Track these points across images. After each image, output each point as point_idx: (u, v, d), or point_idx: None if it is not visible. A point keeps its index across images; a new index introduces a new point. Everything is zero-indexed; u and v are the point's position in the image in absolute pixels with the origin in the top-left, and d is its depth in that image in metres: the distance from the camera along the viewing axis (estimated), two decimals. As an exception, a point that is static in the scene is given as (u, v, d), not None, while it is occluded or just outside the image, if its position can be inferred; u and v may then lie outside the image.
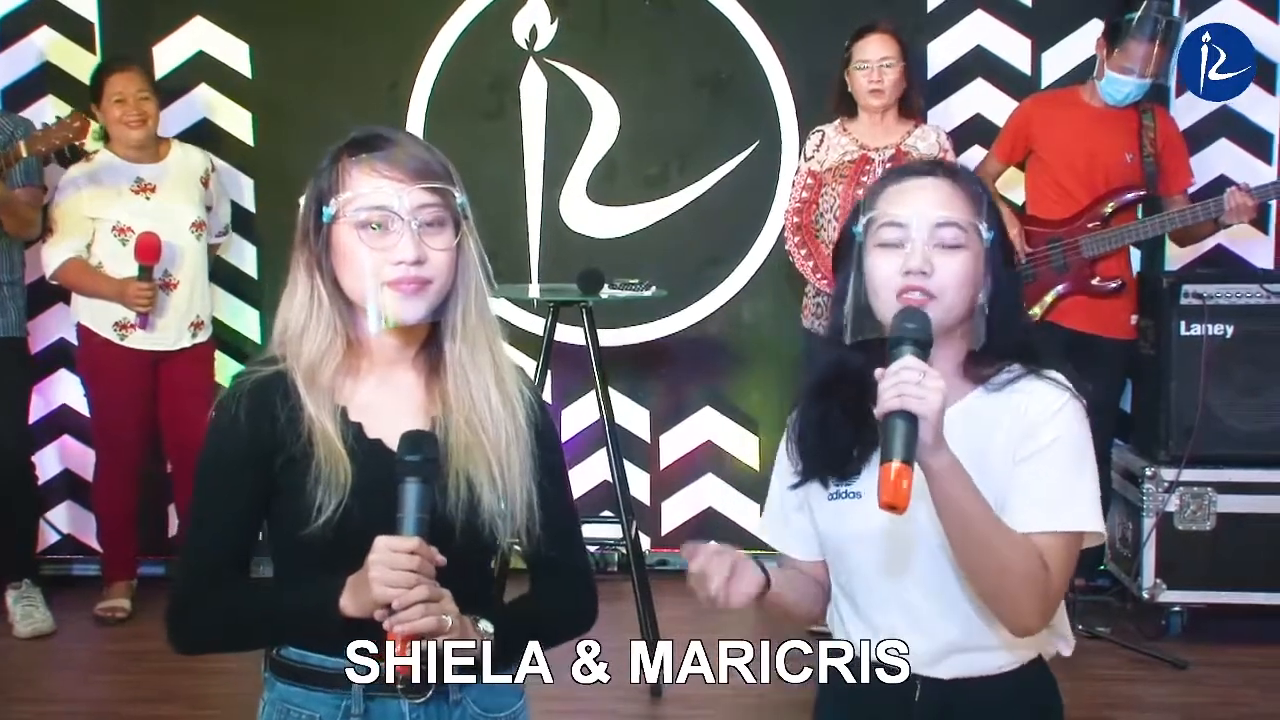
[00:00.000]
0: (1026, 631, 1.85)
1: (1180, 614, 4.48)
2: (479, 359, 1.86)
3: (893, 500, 1.64)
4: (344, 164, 1.82)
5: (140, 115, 4.60)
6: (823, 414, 1.93)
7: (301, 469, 1.79)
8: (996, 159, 4.65)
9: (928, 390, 1.66)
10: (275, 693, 1.88)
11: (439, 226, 1.81)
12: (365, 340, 1.85)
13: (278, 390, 1.82)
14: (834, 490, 1.93)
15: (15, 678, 4.28)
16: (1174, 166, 4.52)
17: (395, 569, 1.67)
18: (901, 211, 1.86)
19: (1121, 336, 4.55)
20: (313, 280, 1.83)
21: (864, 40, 4.40)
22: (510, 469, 1.85)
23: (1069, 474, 1.84)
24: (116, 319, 4.60)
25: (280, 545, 1.86)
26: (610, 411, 4.26)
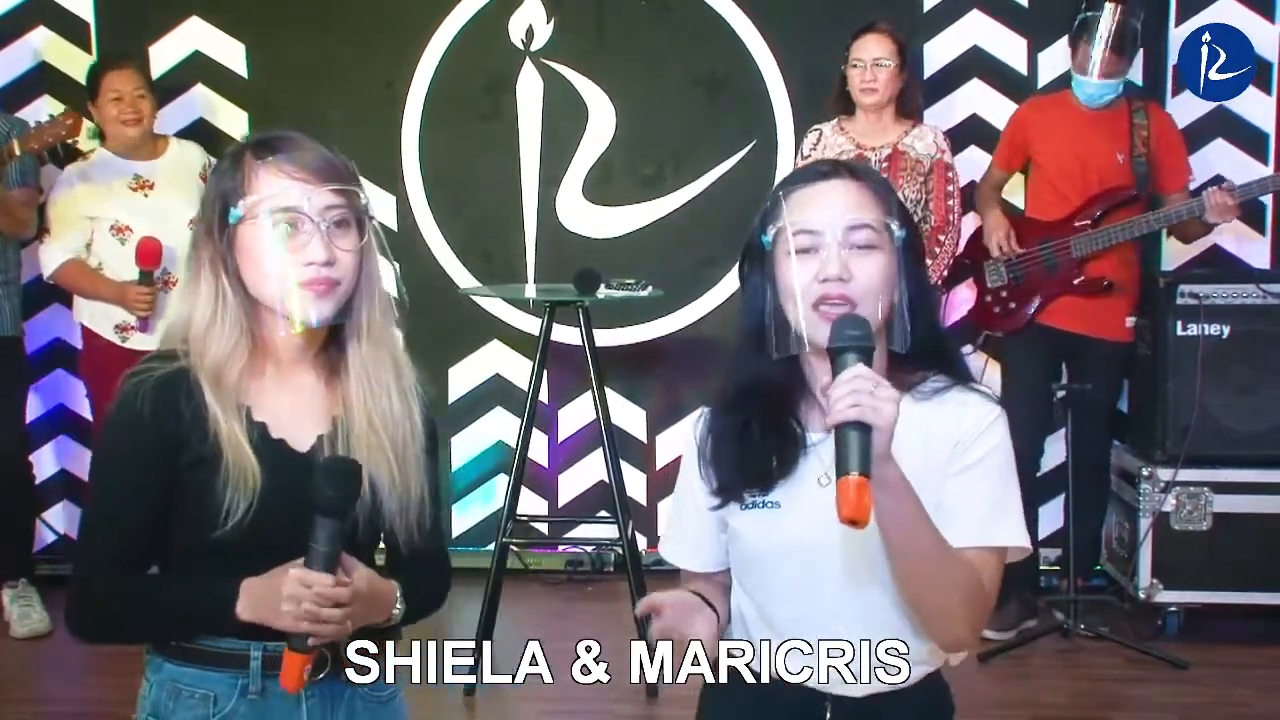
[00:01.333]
0: (959, 645, 1.85)
1: (1177, 614, 4.48)
2: (381, 359, 1.89)
3: (855, 515, 1.60)
4: (249, 165, 1.83)
5: (136, 113, 4.60)
6: (742, 426, 1.88)
7: (209, 470, 1.79)
8: (998, 167, 4.67)
9: (882, 401, 1.63)
10: (163, 674, 1.88)
11: (346, 227, 1.83)
12: (269, 340, 1.86)
13: (181, 388, 1.82)
14: (750, 500, 1.87)
15: (11, 678, 4.27)
16: (1170, 164, 4.52)
17: (307, 603, 1.72)
18: (812, 217, 1.80)
19: (1116, 339, 4.55)
20: (217, 280, 1.83)
21: (861, 39, 4.41)
22: (407, 467, 1.88)
23: (1000, 489, 1.83)
24: (117, 321, 4.59)
25: (182, 544, 1.86)
26: (606, 411, 4.26)
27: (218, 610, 1.79)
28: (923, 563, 1.75)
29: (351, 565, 1.78)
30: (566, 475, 5.21)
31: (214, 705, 1.85)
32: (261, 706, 1.84)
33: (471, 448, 5.20)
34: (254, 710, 1.85)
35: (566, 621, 4.61)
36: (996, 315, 4.58)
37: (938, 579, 1.76)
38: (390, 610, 1.87)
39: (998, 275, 4.55)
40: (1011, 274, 4.53)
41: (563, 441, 5.20)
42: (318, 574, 1.72)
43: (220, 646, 1.84)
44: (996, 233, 4.52)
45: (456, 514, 5.21)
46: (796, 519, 1.82)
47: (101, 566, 1.86)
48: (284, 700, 1.84)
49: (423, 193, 5.11)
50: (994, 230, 4.53)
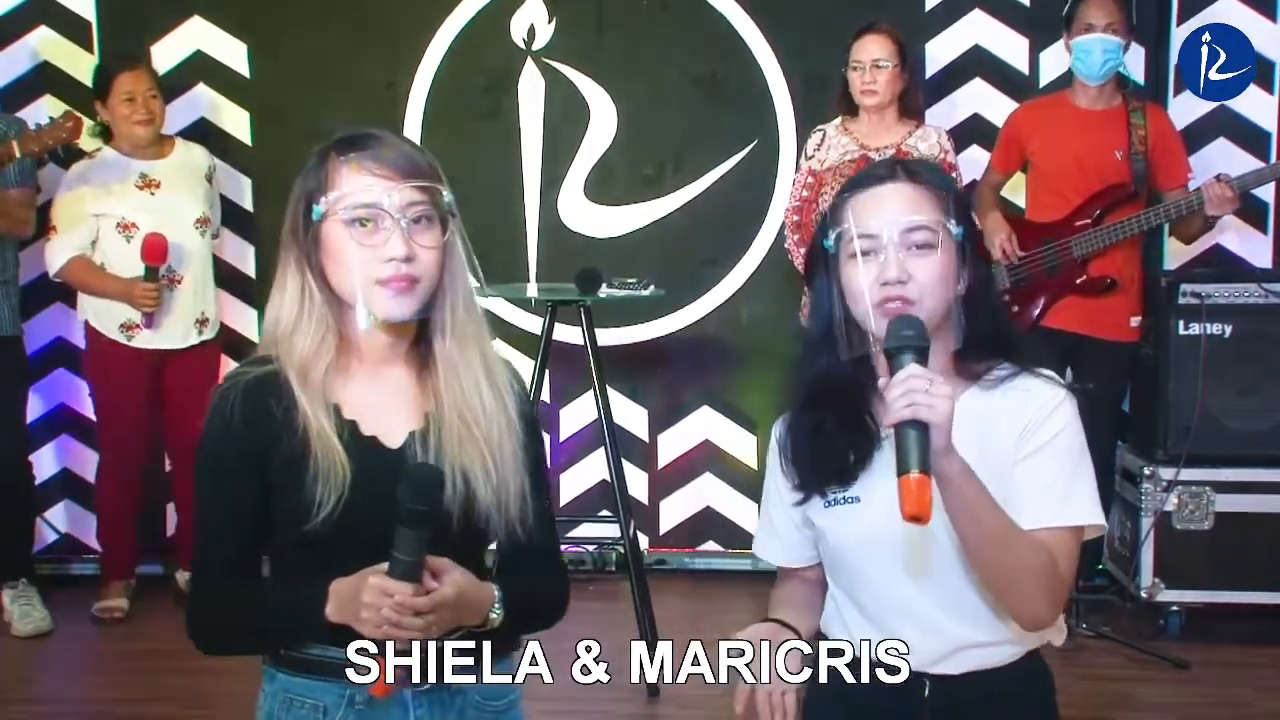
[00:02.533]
0: (1039, 624, 1.90)
1: (1178, 613, 4.47)
2: (468, 354, 1.88)
3: (917, 511, 1.65)
4: (333, 162, 1.83)
5: (149, 114, 4.61)
6: (816, 424, 1.94)
7: (300, 466, 1.80)
8: (995, 170, 4.67)
9: (937, 398, 1.68)
10: (276, 684, 1.89)
11: (427, 224, 1.83)
12: (356, 338, 1.86)
13: (272, 389, 1.83)
14: (832, 497, 1.94)
15: (12, 677, 4.27)
16: (1168, 162, 4.51)
17: (386, 611, 1.70)
18: (870, 222, 1.86)
19: (1121, 339, 4.54)
20: (303, 278, 1.84)
21: (860, 41, 4.41)
22: (503, 462, 1.87)
23: (1070, 469, 1.87)
24: (122, 320, 4.59)
25: (279, 542, 1.87)
26: (608, 411, 4.26)
27: (309, 613, 1.78)
28: (994, 548, 1.79)
29: (443, 569, 1.75)
30: (568, 474, 5.21)
31: (324, 715, 1.85)
32: (369, 716, 1.84)
33: (473, 447, 5.19)
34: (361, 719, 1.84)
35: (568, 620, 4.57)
36: None
37: (1010, 562, 1.81)
38: (485, 614, 1.83)
39: (1000, 278, 4.54)
40: (1014, 277, 4.52)
41: (564, 441, 5.20)
42: (397, 583, 1.70)
43: (328, 656, 1.82)
44: (997, 235, 4.51)
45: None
46: (877, 512, 1.87)
47: (212, 576, 1.88)
48: (391, 710, 1.83)
49: (424, 192, 5.10)
50: (994, 233, 4.52)
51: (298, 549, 1.82)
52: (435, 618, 1.73)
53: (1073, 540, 1.87)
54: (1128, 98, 4.52)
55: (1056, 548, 1.84)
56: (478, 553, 1.90)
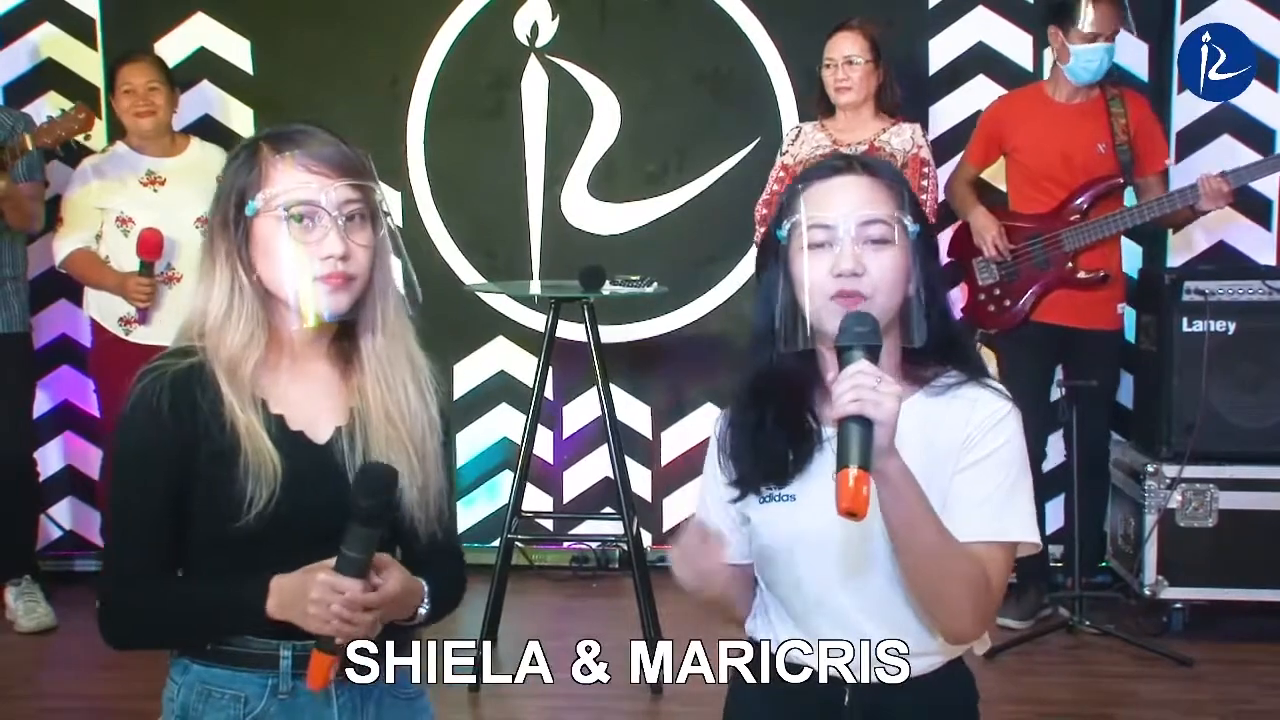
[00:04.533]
0: (963, 638, 1.87)
1: (1181, 611, 4.47)
2: (396, 353, 1.89)
3: (852, 506, 1.63)
4: (266, 158, 1.83)
5: (149, 105, 4.61)
6: (758, 421, 1.90)
7: (228, 462, 1.79)
8: (970, 164, 4.65)
9: (884, 395, 1.66)
10: (191, 675, 1.88)
11: (361, 221, 1.83)
12: (283, 333, 1.87)
13: (197, 382, 1.82)
14: (766, 494, 1.90)
15: (16, 674, 4.28)
16: (1148, 148, 4.50)
17: (336, 608, 1.71)
18: (827, 213, 1.82)
19: (1109, 328, 4.55)
20: (233, 272, 1.83)
21: (833, 38, 4.43)
22: (426, 460, 1.88)
23: (1009, 484, 1.84)
24: (121, 314, 4.60)
25: (202, 539, 1.85)
26: (611, 408, 4.26)
27: (248, 610, 1.79)
28: (926, 555, 1.76)
29: (384, 565, 1.77)
30: (571, 471, 5.21)
31: (244, 706, 1.85)
32: (292, 706, 1.84)
33: (476, 444, 5.21)
34: (285, 710, 1.85)
35: (571, 618, 4.61)
36: (991, 313, 4.57)
37: (940, 571, 1.77)
38: (416, 608, 1.86)
39: (988, 273, 4.54)
40: (1003, 271, 4.52)
41: (568, 438, 5.20)
42: (348, 580, 1.72)
43: (250, 647, 1.83)
44: (988, 232, 4.50)
45: (462, 510, 5.21)
46: (812, 511, 1.83)
47: (129, 570, 1.86)
48: (314, 700, 1.84)
49: (428, 189, 5.11)
50: (984, 230, 4.50)
51: (221, 544, 1.81)
52: (383, 613, 1.75)
53: (1005, 556, 1.84)
54: (1105, 86, 4.51)
55: (988, 562, 1.81)
56: (391, 549, 1.91)
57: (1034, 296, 4.50)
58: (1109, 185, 4.46)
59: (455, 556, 2.00)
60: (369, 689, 1.88)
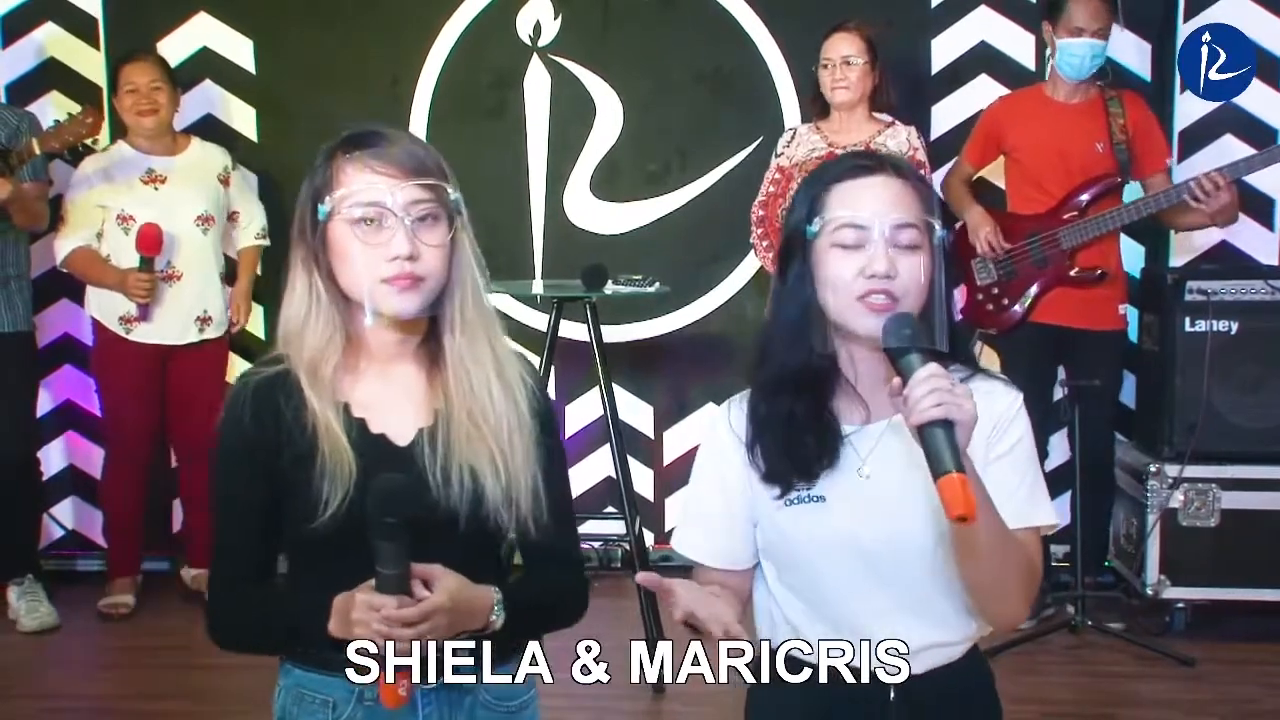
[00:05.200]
0: (1013, 622, 1.93)
1: (1184, 610, 4.47)
2: (478, 351, 1.88)
3: (965, 511, 1.63)
4: (338, 161, 1.83)
5: (152, 104, 4.62)
6: (786, 414, 1.89)
7: (307, 464, 1.80)
8: (967, 163, 4.66)
9: (962, 397, 1.68)
10: (291, 678, 1.90)
11: (433, 222, 1.83)
12: (364, 336, 1.87)
13: (282, 388, 1.84)
14: (793, 495, 1.89)
15: (19, 673, 4.29)
16: (1147, 148, 4.50)
17: (376, 626, 1.71)
18: (860, 213, 1.82)
19: (1111, 328, 4.54)
20: (310, 277, 1.85)
21: (830, 39, 4.43)
22: (514, 458, 1.86)
23: (1032, 472, 1.90)
24: (121, 312, 4.61)
25: (292, 540, 1.87)
26: (614, 407, 4.26)
27: (314, 627, 1.80)
28: (992, 547, 1.79)
29: (434, 577, 1.75)
30: (574, 471, 5.16)
31: (333, 711, 1.86)
32: (377, 713, 1.83)
33: (478, 444, 5.20)
34: (371, 716, 1.84)
35: (573, 617, 4.60)
36: (990, 313, 4.56)
37: (1003, 561, 1.81)
38: (486, 618, 1.82)
39: (986, 272, 4.53)
40: (1001, 270, 4.51)
41: (570, 437, 5.20)
42: (383, 597, 1.71)
43: (341, 651, 1.80)
44: (983, 229, 4.50)
45: (463, 510, 5.21)
46: (843, 512, 1.85)
47: (224, 576, 1.90)
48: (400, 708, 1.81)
49: (430, 189, 5.10)
50: (979, 227, 4.50)
51: (309, 546, 1.83)
52: (428, 626, 1.73)
53: (1039, 540, 1.91)
54: (1104, 87, 4.52)
55: (1030, 546, 1.87)
56: (490, 551, 1.90)
57: (1033, 296, 4.50)
58: (1107, 184, 4.46)
59: (563, 562, 1.97)
60: (458, 698, 1.87)
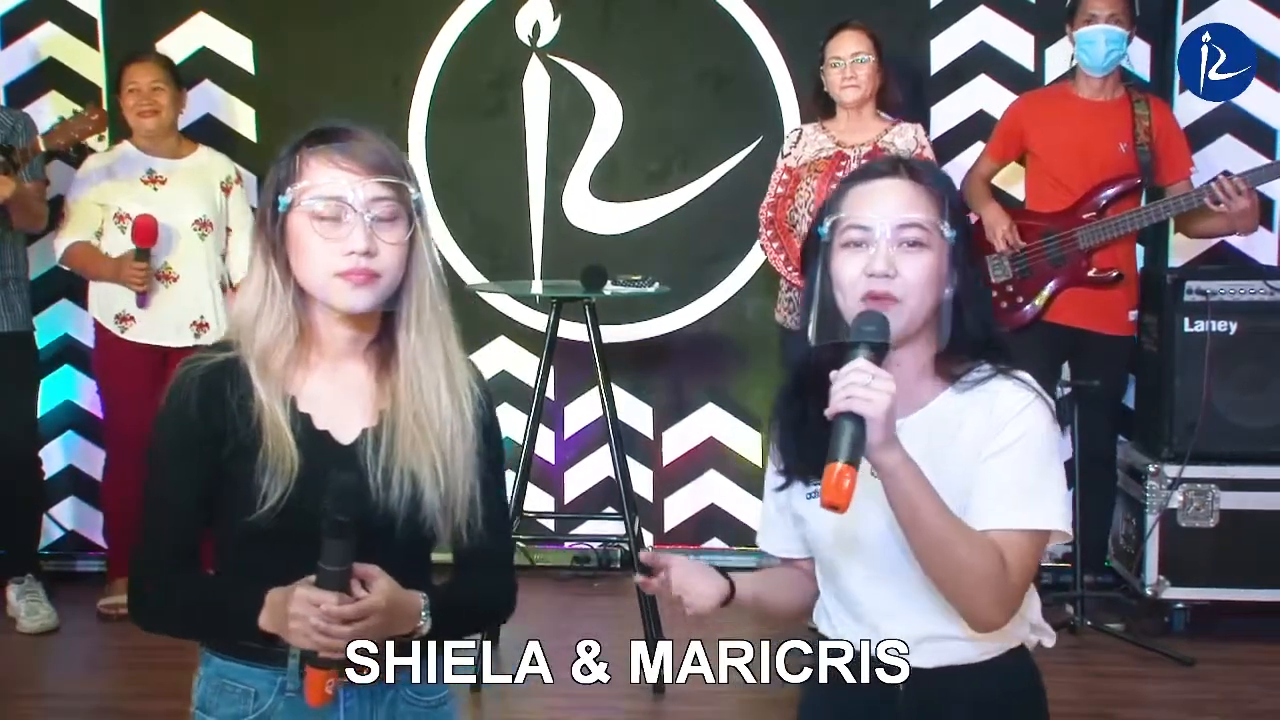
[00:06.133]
0: (987, 626, 1.87)
1: (1183, 610, 4.47)
2: (431, 354, 1.89)
3: (834, 500, 1.68)
4: (302, 154, 1.85)
5: (153, 105, 4.62)
6: (800, 413, 1.95)
7: (249, 455, 1.80)
8: (989, 159, 4.66)
9: (875, 392, 1.70)
10: (212, 667, 1.90)
11: (392, 220, 1.83)
12: (317, 330, 1.87)
13: (230, 376, 1.84)
14: (812, 489, 1.93)
15: (18, 673, 4.28)
16: (1171, 156, 4.51)
17: (313, 620, 1.71)
18: (865, 213, 1.87)
19: (1120, 333, 4.55)
20: (268, 268, 1.85)
21: (836, 37, 4.42)
22: (454, 464, 1.87)
23: (1032, 472, 1.86)
24: (117, 311, 4.60)
25: (224, 531, 1.87)
26: (613, 408, 4.26)
27: (245, 619, 1.79)
28: (933, 544, 1.79)
29: (371, 577, 1.76)
30: (573, 471, 5.21)
31: (254, 701, 1.86)
32: (299, 704, 1.83)
33: (478, 444, 5.20)
34: (292, 708, 1.84)
35: (572, 617, 4.60)
36: (1004, 310, 4.57)
37: (951, 559, 1.80)
38: (415, 623, 1.83)
39: (1001, 270, 4.54)
40: (1017, 268, 4.52)
41: (569, 438, 5.20)
42: (324, 593, 1.72)
43: (270, 646, 1.83)
44: (999, 226, 4.51)
45: (463, 510, 5.22)
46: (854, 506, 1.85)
47: (156, 557, 1.88)
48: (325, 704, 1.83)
49: (429, 189, 5.11)
50: (996, 224, 4.51)
51: (242, 539, 1.83)
52: (364, 625, 1.73)
53: (1029, 544, 1.85)
54: (1130, 90, 4.52)
55: (1009, 550, 1.82)
56: (423, 555, 1.91)
57: (1048, 295, 4.50)
58: (1127, 185, 4.47)
59: (493, 566, 1.97)
60: (380, 693, 1.87)
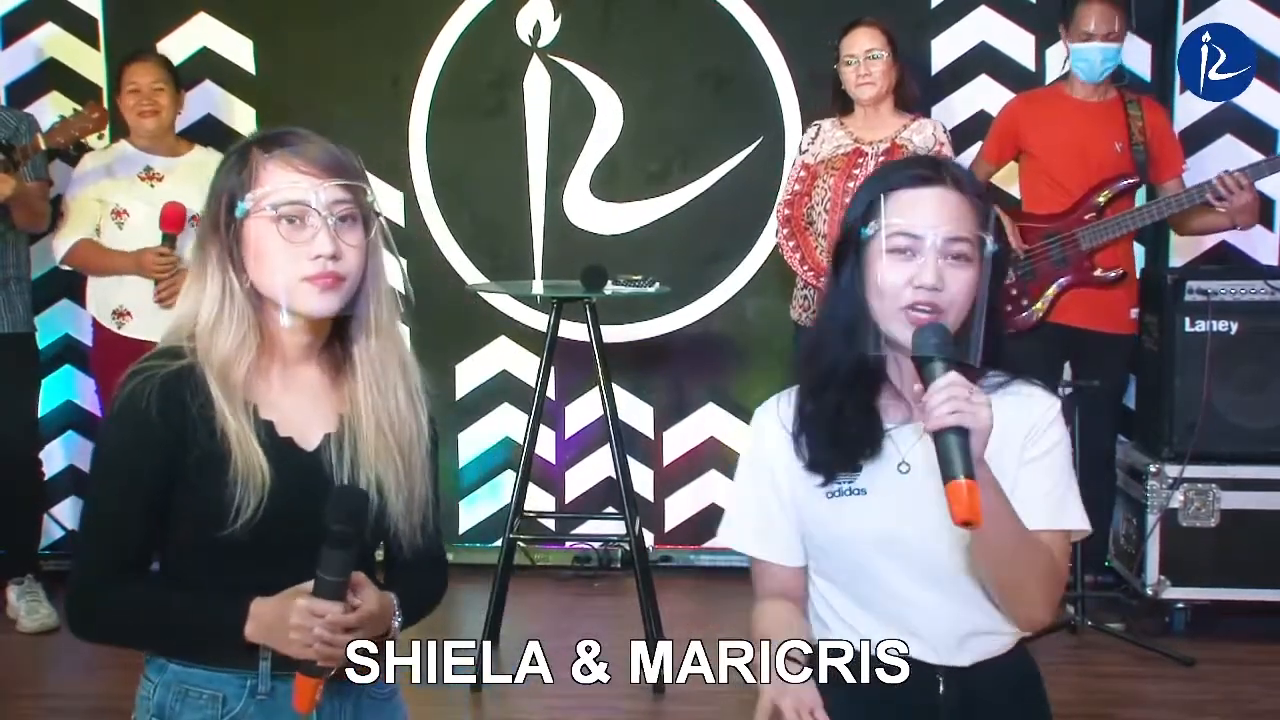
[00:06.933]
0: (1036, 625, 1.95)
1: (1184, 610, 4.47)
2: (388, 356, 1.88)
3: (970, 516, 1.69)
4: (257, 159, 1.83)
5: (153, 105, 4.61)
6: (836, 407, 1.94)
7: (216, 468, 1.78)
8: (986, 161, 4.65)
9: (979, 405, 1.73)
10: (168, 674, 1.87)
11: (352, 222, 1.82)
12: (275, 336, 1.85)
13: (187, 384, 1.80)
14: (836, 488, 1.94)
15: (18, 673, 4.29)
16: (1165, 153, 4.52)
17: (318, 631, 1.72)
18: (916, 222, 1.87)
19: (1122, 331, 4.55)
20: (225, 274, 1.82)
21: (850, 35, 4.41)
22: (413, 469, 1.88)
23: (1066, 476, 1.94)
24: (114, 306, 4.60)
25: (184, 542, 1.84)
26: (613, 408, 4.26)
27: (225, 631, 1.78)
28: (1010, 551, 1.84)
29: (360, 584, 1.77)
30: (573, 471, 5.21)
31: (223, 706, 1.84)
32: (271, 706, 1.83)
33: (479, 444, 5.21)
34: (263, 711, 1.84)
35: (573, 617, 4.60)
36: (1008, 313, 4.57)
37: (1022, 564, 1.85)
38: (390, 622, 1.85)
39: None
40: (1020, 270, 4.52)
41: (570, 438, 5.20)
42: (326, 603, 1.72)
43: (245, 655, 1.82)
44: None
45: (464, 510, 5.22)
46: (884, 504, 1.91)
47: (104, 569, 1.84)
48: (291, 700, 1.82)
49: (430, 189, 5.12)
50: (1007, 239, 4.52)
51: (203, 550, 1.81)
52: (363, 632, 1.76)
53: (1066, 543, 1.94)
54: (1123, 90, 4.52)
55: (1054, 549, 1.90)
56: (370, 553, 1.92)
57: (1052, 296, 4.50)
58: (1125, 184, 4.47)
59: (437, 563, 1.99)
60: (347, 688, 1.86)
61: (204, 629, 1.82)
